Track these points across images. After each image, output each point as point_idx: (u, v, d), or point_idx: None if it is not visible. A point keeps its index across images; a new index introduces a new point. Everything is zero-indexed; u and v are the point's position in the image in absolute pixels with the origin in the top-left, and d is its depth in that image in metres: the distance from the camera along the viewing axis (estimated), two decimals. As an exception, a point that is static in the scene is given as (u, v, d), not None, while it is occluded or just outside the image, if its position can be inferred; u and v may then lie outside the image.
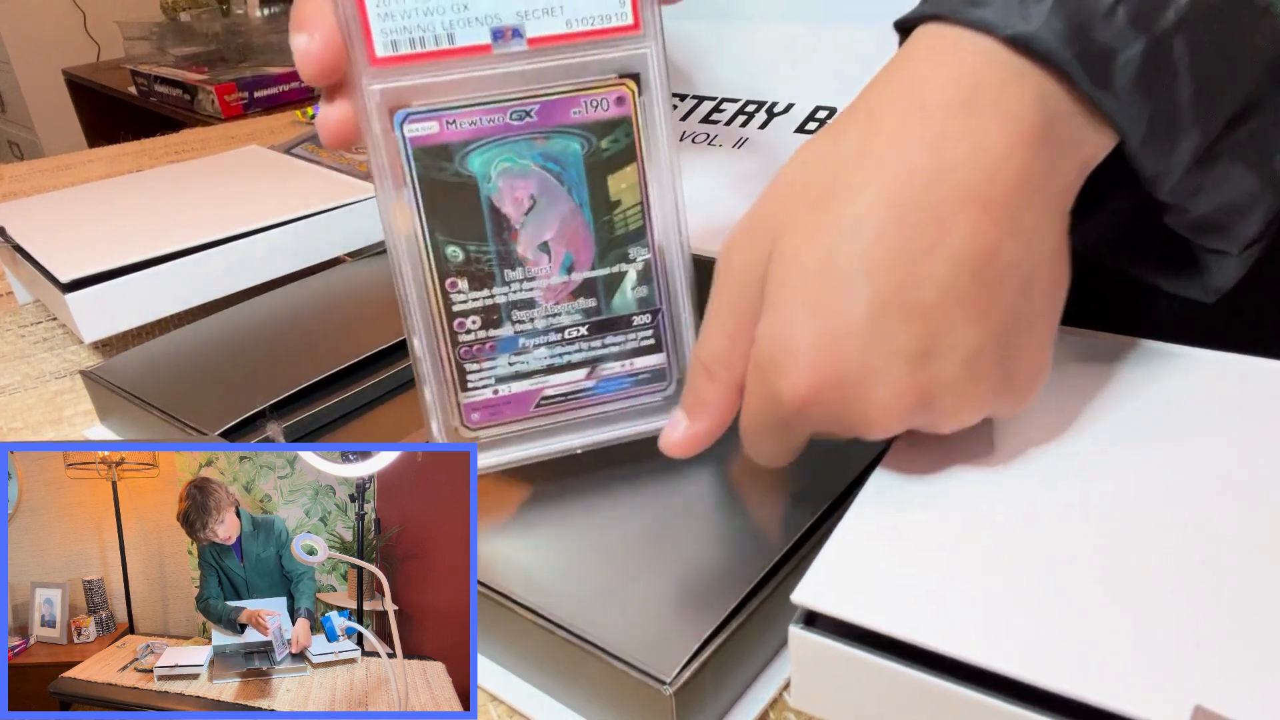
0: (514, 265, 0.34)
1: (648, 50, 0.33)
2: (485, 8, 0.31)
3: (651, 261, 0.35)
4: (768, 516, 0.36)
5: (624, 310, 0.35)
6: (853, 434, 0.29)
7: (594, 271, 0.35)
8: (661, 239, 0.35)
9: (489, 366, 0.35)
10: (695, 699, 0.30)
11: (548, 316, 0.35)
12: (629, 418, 0.37)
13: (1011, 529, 0.28)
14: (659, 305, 0.36)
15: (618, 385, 0.36)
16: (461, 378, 0.35)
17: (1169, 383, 0.34)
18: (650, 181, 0.34)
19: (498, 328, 0.34)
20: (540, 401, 0.36)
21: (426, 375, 0.34)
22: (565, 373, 0.36)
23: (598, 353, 0.36)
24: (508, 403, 0.35)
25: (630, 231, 0.34)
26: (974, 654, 0.24)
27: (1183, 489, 0.29)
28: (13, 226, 0.63)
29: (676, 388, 0.37)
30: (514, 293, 0.34)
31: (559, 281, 0.34)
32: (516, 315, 0.34)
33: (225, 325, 0.56)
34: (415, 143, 0.32)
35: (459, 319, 0.34)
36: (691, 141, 0.55)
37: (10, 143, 2.92)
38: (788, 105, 0.54)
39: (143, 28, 2.25)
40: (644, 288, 0.35)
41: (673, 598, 0.32)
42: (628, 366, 0.36)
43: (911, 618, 0.25)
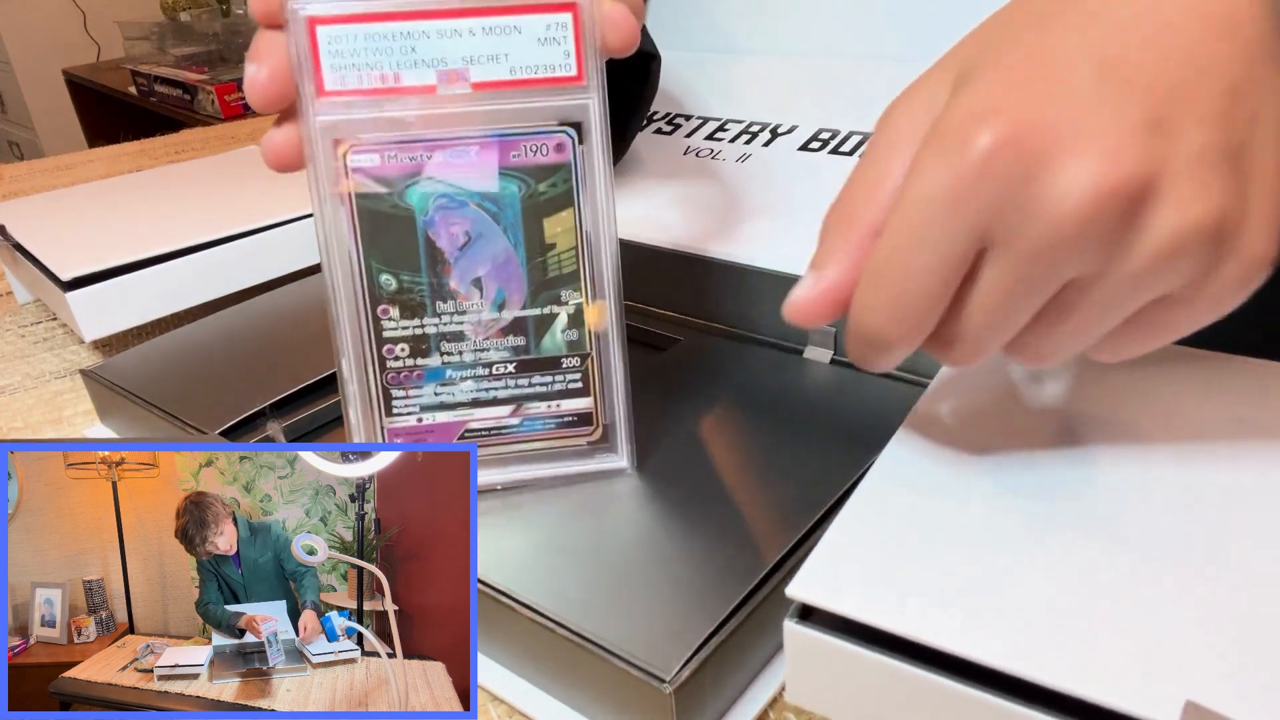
0: (445, 298, 0.35)
1: (589, 101, 0.34)
2: (431, 51, 0.32)
3: (584, 306, 0.36)
4: (768, 516, 0.36)
5: (553, 351, 0.36)
6: (1040, 225, 0.23)
7: (525, 311, 0.35)
8: (595, 282, 0.36)
9: (415, 394, 0.36)
10: (695, 697, 0.30)
11: (476, 351, 0.36)
12: (552, 458, 0.38)
13: (1011, 525, 0.28)
14: (589, 350, 0.36)
15: (542, 425, 0.37)
16: (387, 403, 0.36)
17: (1170, 382, 0.34)
18: (586, 227, 0.35)
19: (426, 357, 0.35)
20: (464, 434, 0.37)
21: (352, 397, 0.35)
22: (490, 408, 0.37)
23: (524, 391, 0.37)
24: (431, 432, 0.37)
25: (564, 274, 0.35)
26: (968, 649, 0.24)
27: (1182, 488, 0.29)
28: (13, 226, 0.63)
29: (602, 433, 0.37)
30: (444, 324, 0.35)
31: (489, 318, 0.35)
32: (445, 347, 0.35)
33: (225, 325, 0.56)
34: (357, 173, 0.33)
35: (388, 345, 0.35)
36: (695, 156, 0.55)
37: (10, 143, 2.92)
38: (791, 127, 0.54)
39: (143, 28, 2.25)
40: (574, 331, 0.36)
41: (672, 597, 0.32)
42: (553, 408, 0.37)
43: (906, 613, 0.25)
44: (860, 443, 0.38)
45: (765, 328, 0.48)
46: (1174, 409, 0.32)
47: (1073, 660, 0.23)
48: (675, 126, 0.59)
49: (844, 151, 0.51)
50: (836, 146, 0.51)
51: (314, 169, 0.33)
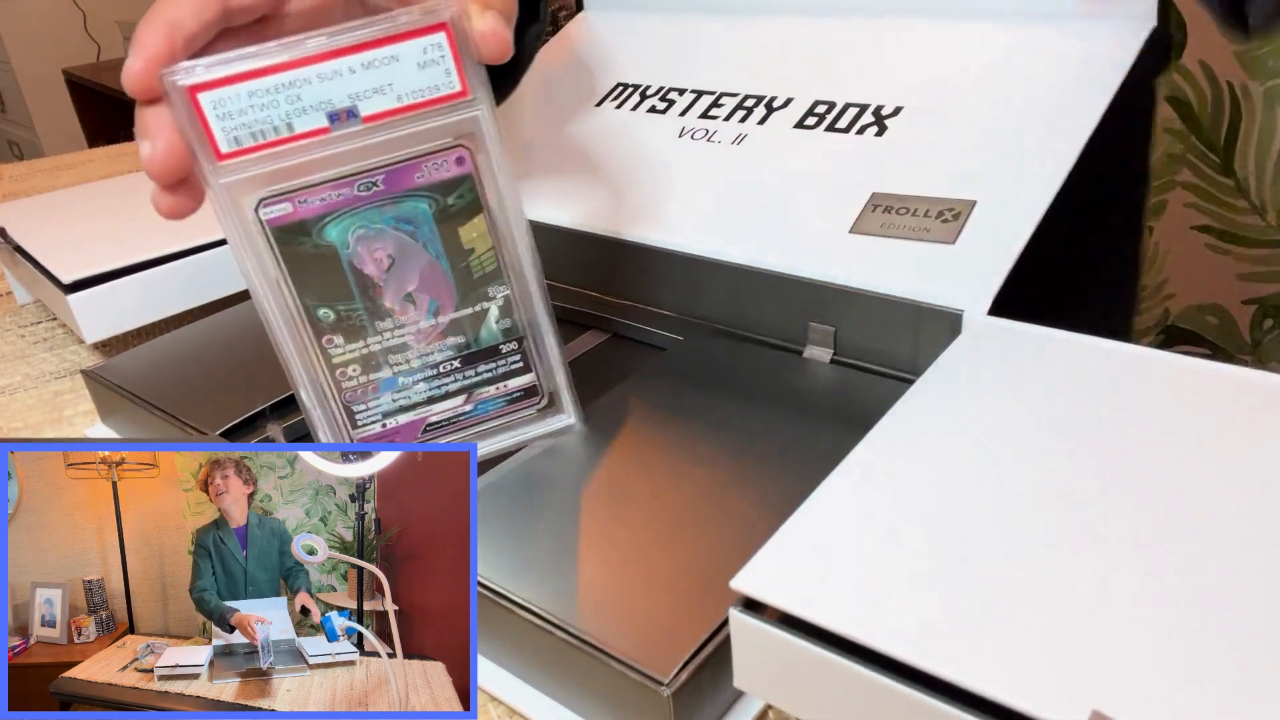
0: (383, 317, 0.37)
1: (478, 112, 0.35)
2: (317, 96, 0.33)
3: (511, 296, 0.38)
4: (767, 516, 0.36)
5: (491, 341, 0.39)
6: None
7: (458, 313, 0.38)
8: (516, 274, 0.38)
9: (374, 405, 0.38)
10: (693, 700, 0.30)
11: (422, 356, 0.38)
12: (507, 430, 0.41)
13: (964, 527, 0.28)
14: (522, 333, 0.39)
15: (494, 405, 0.40)
16: (350, 418, 0.38)
17: (1139, 386, 0.34)
18: (498, 226, 0.37)
19: (377, 371, 0.38)
20: (426, 428, 0.39)
21: (319, 422, 0.37)
22: (445, 401, 0.39)
23: (472, 380, 0.39)
24: (396, 433, 0.39)
25: (487, 273, 0.38)
26: (891, 646, 0.25)
27: (1140, 494, 0.29)
28: (13, 226, 0.63)
29: (548, 401, 0.41)
30: (387, 340, 0.37)
31: (428, 325, 0.38)
32: (393, 359, 0.38)
33: (226, 325, 0.56)
34: (273, 224, 0.35)
35: (340, 369, 0.37)
36: (690, 138, 0.55)
37: (10, 143, 2.92)
38: (787, 100, 0.54)
39: (143, 28, 2.25)
40: (507, 320, 0.39)
41: (671, 599, 0.32)
42: (501, 389, 0.40)
43: (845, 609, 0.26)
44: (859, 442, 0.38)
45: (765, 328, 0.48)
46: (1139, 416, 0.32)
47: (989, 661, 0.24)
48: (669, 103, 0.59)
49: (840, 128, 0.50)
50: (833, 123, 0.51)
51: (230, 229, 0.34)
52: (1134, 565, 0.26)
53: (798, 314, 0.46)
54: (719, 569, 0.33)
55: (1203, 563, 0.26)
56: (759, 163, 0.52)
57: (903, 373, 0.43)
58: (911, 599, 0.26)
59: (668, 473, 0.38)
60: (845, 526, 0.29)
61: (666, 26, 0.65)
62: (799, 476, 0.37)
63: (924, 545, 0.28)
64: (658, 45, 0.64)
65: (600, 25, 0.69)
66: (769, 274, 0.46)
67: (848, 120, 0.51)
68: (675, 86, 0.60)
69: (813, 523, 0.30)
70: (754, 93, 0.56)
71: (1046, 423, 0.33)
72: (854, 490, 0.31)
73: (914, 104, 0.50)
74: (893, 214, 0.45)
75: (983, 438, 0.32)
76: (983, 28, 0.51)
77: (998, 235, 0.41)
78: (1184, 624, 0.24)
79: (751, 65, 0.58)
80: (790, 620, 0.27)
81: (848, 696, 0.26)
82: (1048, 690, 0.23)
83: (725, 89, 0.57)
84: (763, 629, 0.27)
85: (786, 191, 0.49)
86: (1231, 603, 0.25)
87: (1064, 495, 0.29)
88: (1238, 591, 0.25)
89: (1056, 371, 0.35)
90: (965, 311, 0.40)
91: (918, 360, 0.42)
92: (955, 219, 0.43)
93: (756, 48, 0.59)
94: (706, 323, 0.50)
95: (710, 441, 0.40)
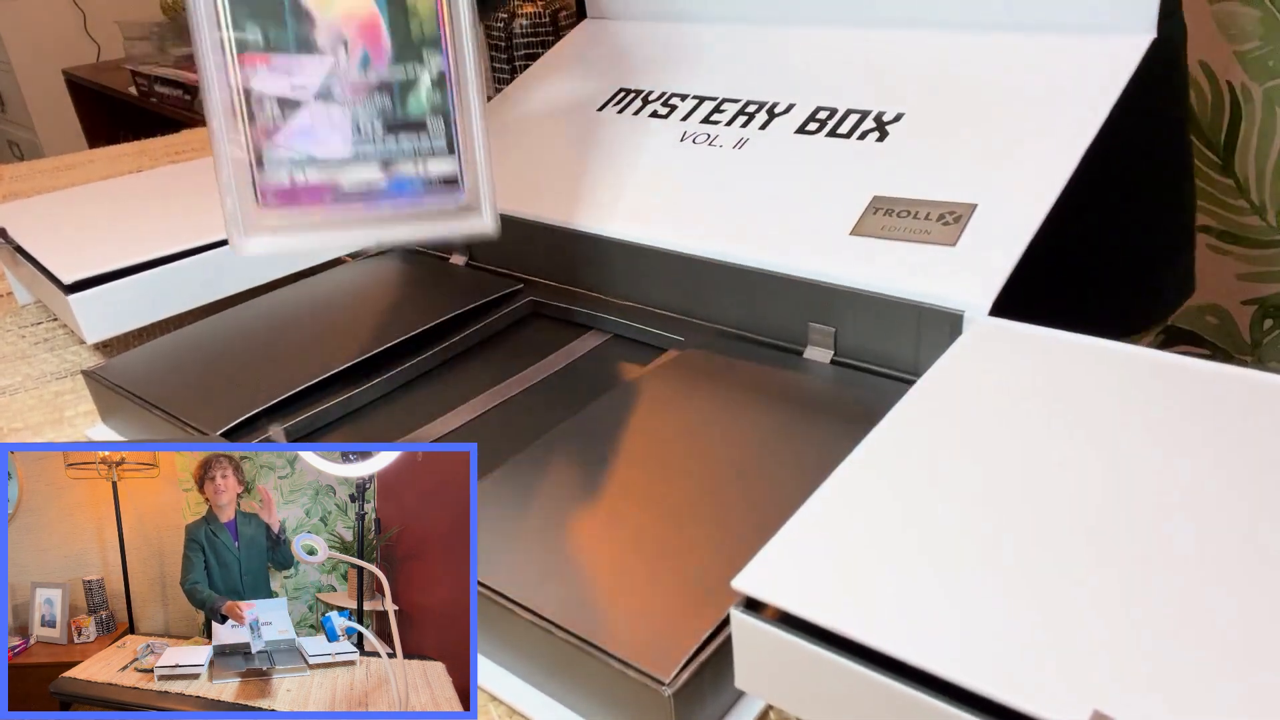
0: (312, 53, 0.36)
1: None
2: None
3: (446, 71, 0.38)
4: (767, 516, 0.36)
5: (418, 113, 0.38)
6: None
7: (390, 73, 0.37)
8: (456, 49, 0.37)
9: (285, 151, 0.37)
10: (694, 700, 0.30)
11: (344, 109, 0.37)
12: (423, 219, 0.39)
13: (968, 528, 0.28)
14: (452, 112, 0.38)
15: (410, 187, 0.39)
16: (259, 159, 0.37)
17: (1139, 386, 0.34)
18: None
19: (294, 111, 0.36)
20: (337, 195, 0.38)
21: (223, 155, 0.36)
22: (360, 166, 0.38)
23: (391, 151, 0.38)
24: (303, 192, 0.38)
25: (426, 37, 0.37)
26: (896, 648, 0.25)
27: (1140, 496, 0.29)
28: (13, 227, 0.63)
29: (466, 199, 0.39)
30: (311, 80, 0.36)
31: (357, 77, 0.37)
32: (313, 104, 0.37)
33: (226, 325, 0.56)
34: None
35: (257, 99, 0.36)
36: (692, 142, 0.55)
37: (10, 143, 2.92)
38: (788, 106, 0.54)
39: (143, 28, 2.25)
40: (438, 94, 0.38)
41: (672, 599, 0.32)
42: (421, 170, 0.39)
43: (846, 609, 0.26)
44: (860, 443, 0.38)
45: (765, 328, 0.48)
46: (1139, 416, 0.33)
47: (990, 661, 0.24)
48: (671, 108, 0.59)
49: (841, 133, 0.51)
50: (834, 128, 0.51)
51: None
52: (1134, 565, 0.26)
53: (798, 315, 0.46)
54: (719, 569, 0.33)
55: (1203, 562, 0.26)
56: (760, 166, 0.52)
57: (903, 373, 0.43)
58: (912, 599, 0.26)
59: (667, 473, 0.38)
60: (846, 527, 0.29)
61: (667, 34, 0.65)
62: (799, 476, 0.37)
63: (925, 545, 0.28)
64: (659, 52, 0.64)
65: (601, 32, 0.69)
66: (769, 275, 0.46)
67: (849, 126, 0.51)
68: (677, 92, 0.60)
69: (814, 523, 0.30)
70: (755, 99, 0.56)
71: (1046, 423, 0.33)
72: (855, 490, 0.31)
73: (915, 111, 0.50)
74: (893, 216, 0.45)
75: (983, 438, 0.32)
76: (984, 39, 0.51)
77: (999, 237, 0.41)
78: (1184, 624, 0.24)
79: (753, 72, 0.58)
80: (791, 620, 0.27)
81: (849, 696, 0.26)
82: (1048, 689, 0.23)
83: (727, 95, 0.57)
84: (764, 629, 0.27)
85: (787, 194, 0.49)
86: (1232, 602, 0.25)
87: (1064, 495, 0.29)
88: (1238, 591, 0.25)
89: (1056, 371, 0.35)
90: (966, 312, 0.40)
91: (918, 361, 0.42)
92: (956, 222, 0.43)
93: (758, 56, 0.59)
94: (707, 323, 0.50)
95: (710, 441, 0.40)
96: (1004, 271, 0.40)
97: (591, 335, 0.54)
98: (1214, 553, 0.26)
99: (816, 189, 0.48)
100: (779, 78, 0.57)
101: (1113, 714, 0.22)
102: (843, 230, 0.45)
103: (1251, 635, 0.24)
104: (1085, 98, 0.45)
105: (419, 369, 0.52)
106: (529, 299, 0.57)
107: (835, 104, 0.53)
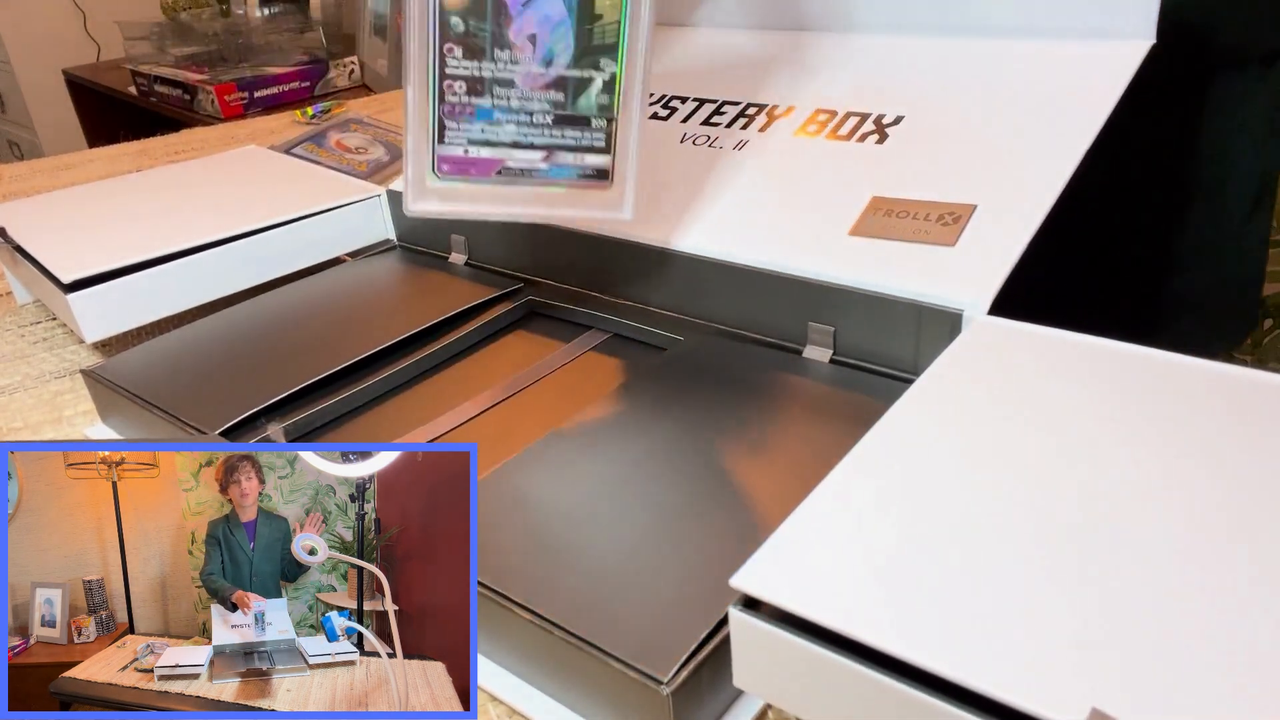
0: (503, 47, 0.40)
1: None
2: None
3: (618, 75, 0.42)
4: (766, 516, 0.36)
5: (586, 111, 0.42)
6: None
7: (568, 71, 0.41)
8: (630, 57, 0.41)
9: (465, 128, 0.42)
10: (693, 699, 0.30)
11: (522, 99, 0.42)
12: (571, 204, 0.44)
13: (967, 527, 0.28)
14: (615, 115, 0.42)
15: (566, 173, 0.43)
16: (441, 131, 0.42)
17: (1139, 386, 0.34)
18: (630, 4, 0.41)
19: (479, 96, 0.41)
20: (501, 170, 0.43)
21: (412, 124, 0.41)
22: (526, 151, 0.43)
23: (556, 141, 0.43)
24: (474, 164, 0.43)
25: (606, 44, 0.41)
26: (895, 646, 0.25)
27: (1140, 496, 0.29)
28: (13, 226, 0.63)
29: (615, 189, 0.44)
30: (499, 70, 0.41)
31: (537, 71, 0.41)
32: (497, 90, 0.42)
33: (225, 325, 0.56)
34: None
35: (449, 81, 0.41)
36: (692, 144, 0.55)
37: (10, 143, 2.92)
38: (788, 108, 0.54)
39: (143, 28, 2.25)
40: (606, 96, 0.42)
41: (670, 598, 0.32)
42: (578, 160, 0.43)
43: (845, 608, 0.26)
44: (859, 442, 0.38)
45: (764, 327, 0.48)
46: (1139, 415, 0.33)
47: (990, 659, 0.24)
48: (671, 111, 0.59)
49: (841, 135, 0.51)
50: (834, 130, 0.51)
51: None
52: (1135, 564, 0.26)
53: (797, 314, 0.46)
54: (718, 568, 0.33)
55: (1203, 562, 0.26)
56: (760, 167, 0.52)
57: (902, 372, 0.43)
58: (911, 597, 0.26)
59: (666, 472, 0.39)
60: (845, 525, 0.29)
61: (668, 37, 0.65)
62: (799, 476, 0.37)
63: (923, 544, 0.28)
64: (660, 55, 0.64)
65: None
66: (768, 274, 0.46)
67: (849, 128, 0.51)
68: (677, 94, 0.60)
69: (812, 521, 0.30)
70: (756, 101, 0.56)
71: (1046, 422, 0.33)
72: (853, 489, 0.31)
73: (915, 114, 0.50)
74: (893, 217, 0.45)
75: (982, 437, 0.32)
76: (984, 44, 0.51)
77: (998, 237, 0.42)
78: (1185, 623, 0.24)
79: (753, 76, 0.58)
80: (790, 618, 0.27)
81: (848, 695, 0.26)
82: (1048, 688, 0.23)
83: (727, 97, 0.58)
84: (762, 627, 0.27)
85: (787, 194, 0.49)
86: (1232, 602, 0.25)
87: (1063, 494, 0.29)
88: (1238, 590, 0.25)
89: (1056, 371, 0.35)
90: (965, 311, 0.40)
91: (917, 360, 0.42)
92: (955, 222, 0.43)
93: (758, 60, 0.59)
94: (706, 323, 0.50)
95: (710, 441, 0.40)
96: (1003, 272, 0.40)
97: (591, 335, 0.54)
98: (1214, 552, 0.26)
99: (816, 190, 0.48)
100: (779, 81, 0.57)
101: (1112, 713, 0.22)
102: (842, 230, 0.45)
103: (1252, 635, 0.24)
104: (1085, 102, 0.45)
105: (419, 368, 0.52)
106: (529, 299, 0.57)
107: (835, 106, 0.53)
